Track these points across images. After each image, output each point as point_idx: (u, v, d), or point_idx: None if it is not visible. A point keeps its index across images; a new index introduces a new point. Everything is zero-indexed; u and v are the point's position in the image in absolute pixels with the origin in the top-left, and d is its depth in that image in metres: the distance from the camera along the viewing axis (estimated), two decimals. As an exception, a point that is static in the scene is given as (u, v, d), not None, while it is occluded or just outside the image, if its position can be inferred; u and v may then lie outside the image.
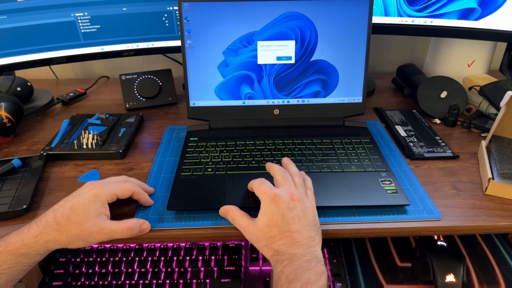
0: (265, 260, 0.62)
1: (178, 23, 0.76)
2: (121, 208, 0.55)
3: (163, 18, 0.82)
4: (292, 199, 0.47)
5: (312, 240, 0.45)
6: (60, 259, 0.63)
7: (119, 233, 0.48)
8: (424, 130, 0.75)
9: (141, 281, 0.59)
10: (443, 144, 0.70)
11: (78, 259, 0.62)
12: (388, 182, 0.58)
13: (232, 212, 0.50)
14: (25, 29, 0.75)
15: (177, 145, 0.71)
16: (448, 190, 0.59)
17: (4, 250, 0.45)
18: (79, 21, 0.78)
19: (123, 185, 0.52)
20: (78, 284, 0.60)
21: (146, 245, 0.64)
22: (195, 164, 0.62)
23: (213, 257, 0.62)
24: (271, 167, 0.54)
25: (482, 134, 0.74)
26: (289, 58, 0.70)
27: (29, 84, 0.87)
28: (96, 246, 0.64)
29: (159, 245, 0.64)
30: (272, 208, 0.47)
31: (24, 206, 0.54)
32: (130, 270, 0.61)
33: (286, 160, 0.57)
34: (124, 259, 0.62)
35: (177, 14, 0.80)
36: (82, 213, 0.47)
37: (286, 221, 0.46)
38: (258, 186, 0.50)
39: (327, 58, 0.70)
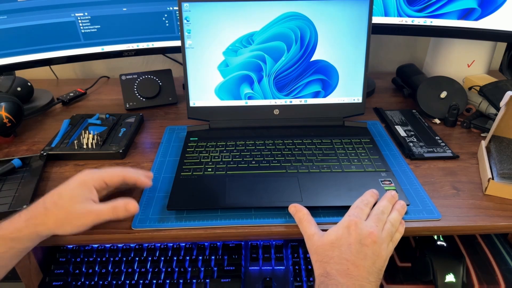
0: (265, 260, 0.62)
1: (178, 23, 0.76)
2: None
3: (163, 18, 0.82)
4: (369, 237, 0.45)
5: (368, 282, 0.43)
6: (60, 259, 0.63)
7: (105, 213, 0.48)
8: (424, 130, 0.75)
9: (141, 281, 0.60)
10: (443, 144, 0.70)
11: (78, 259, 0.62)
12: (388, 182, 0.58)
13: (302, 214, 0.50)
14: (25, 29, 0.75)
15: (177, 145, 0.71)
16: (448, 190, 0.59)
17: None
18: (79, 21, 0.78)
19: (110, 171, 0.52)
20: (78, 284, 0.60)
21: (146, 245, 0.64)
22: (195, 164, 0.63)
23: (213, 257, 0.62)
24: (382, 199, 0.52)
25: (482, 134, 0.74)
26: (289, 58, 0.70)
27: (29, 84, 0.87)
28: (96, 246, 0.64)
29: (159, 245, 0.64)
30: (344, 231, 0.46)
31: (24, 206, 0.54)
32: (130, 270, 0.61)
33: (392, 200, 0.52)
34: (124, 259, 0.62)
35: (177, 14, 0.80)
36: (68, 198, 0.48)
37: (351, 251, 0.45)
38: (353, 206, 0.50)
39: (327, 58, 0.70)
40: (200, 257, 0.62)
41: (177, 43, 0.84)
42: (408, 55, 1.11)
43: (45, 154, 0.66)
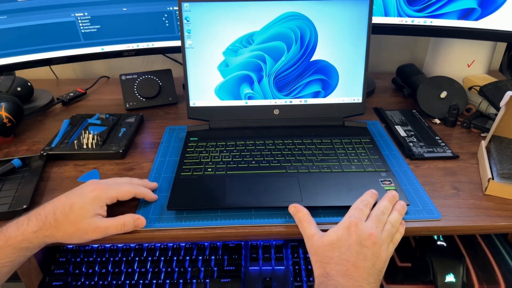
0: (265, 260, 0.62)
1: (178, 23, 0.76)
2: (121, 207, 0.55)
3: (163, 18, 0.82)
4: (369, 239, 0.45)
5: (368, 283, 0.44)
6: (60, 259, 0.63)
7: (114, 229, 0.49)
8: (424, 130, 0.75)
9: (141, 281, 0.60)
10: (443, 144, 0.70)
11: (78, 259, 0.62)
12: (388, 182, 0.58)
13: (302, 214, 0.50)
14: (25, 29, 0.75)
15: (177, 145, 0.71)
16: (448, 190, 0.59)
17: (5, 244, 0.46)
18: (79, 21, 0.78)
19: (124, 189, 0.53)
20: (78, 284, 0.60)
21: (146, 245, 0.64)
22: (195, 164, 0.63)
23: (213, 257, 0.62)
24: (382, 199, 0.52)
25: (482, 134, 0.74)
26: (289, 58, 0.70)
27: (29, 84, 0.87)
28: (96, 246, 0.64)
29: (159, 245, 0.64)
30: (344, 232, 0.46)
31: (24, 206, 0.54)
32: (130, 270, 0.61)
33: (393, 200, 0.52)
34: (124, 259, 0.62)
35: (177, 14, 0.80)
36: (79, 212, 0.48)
37: (351, 252, 0.45)
38: (353, 207, 0.50)
39: (327, 58, 0.70)
40: (200, 257, 0.62)
41: (177, 43, 0.84)
42: (408, 55, 1.11)
43: (45, 154, 0.66)
